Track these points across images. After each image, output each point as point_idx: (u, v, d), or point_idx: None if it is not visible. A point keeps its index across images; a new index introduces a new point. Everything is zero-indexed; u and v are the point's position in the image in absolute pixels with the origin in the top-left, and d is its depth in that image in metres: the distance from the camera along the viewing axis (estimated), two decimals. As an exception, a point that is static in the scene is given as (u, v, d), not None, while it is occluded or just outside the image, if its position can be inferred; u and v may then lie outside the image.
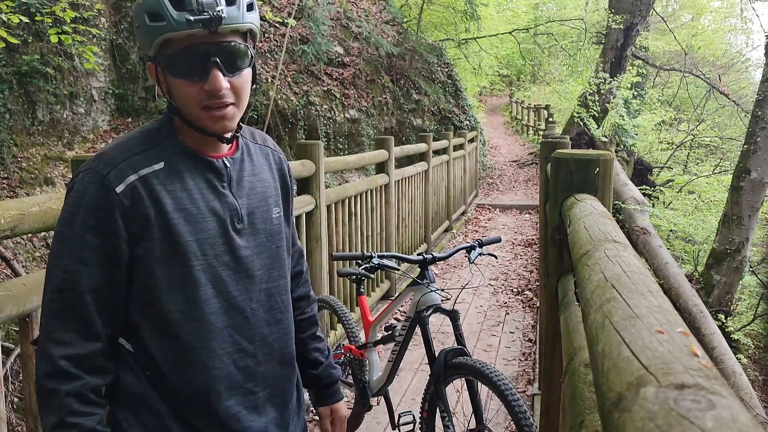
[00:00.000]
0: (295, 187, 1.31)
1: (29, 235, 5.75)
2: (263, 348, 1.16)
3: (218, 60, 1.02)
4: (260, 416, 1.16)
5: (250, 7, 1.05)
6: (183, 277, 1.06)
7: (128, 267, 1.06)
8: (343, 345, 2.86)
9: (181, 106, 1.05)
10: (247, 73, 1.08)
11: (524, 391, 3.49)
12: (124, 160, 1.04)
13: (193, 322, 1.08)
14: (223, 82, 1.03)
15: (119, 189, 1.02)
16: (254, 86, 1.12)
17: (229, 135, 1.11)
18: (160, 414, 1.09)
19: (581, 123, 12.63)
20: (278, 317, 1.20)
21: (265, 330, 1.17)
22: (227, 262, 1.10)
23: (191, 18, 0.98)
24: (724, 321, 7.41)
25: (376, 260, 2.37)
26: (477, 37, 15.01)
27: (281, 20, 9.55)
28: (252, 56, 1.09)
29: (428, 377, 2.25)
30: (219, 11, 0.99)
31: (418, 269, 2.41)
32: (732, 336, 7.31)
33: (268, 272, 1.17)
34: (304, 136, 9.98)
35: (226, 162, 1.12)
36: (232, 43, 1.04)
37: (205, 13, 0.98)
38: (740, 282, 8.48)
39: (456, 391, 2.76)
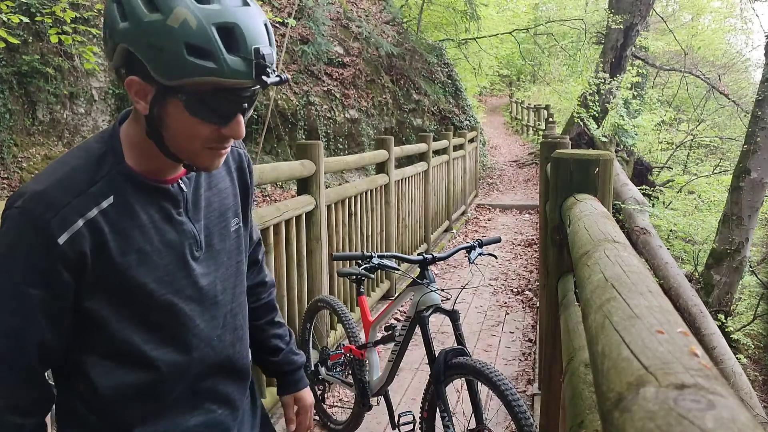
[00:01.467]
0: (254, 180, 1.20)
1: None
2: (227, 369, 1.12)
3: (246, 106, 0.92)
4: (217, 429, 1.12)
5: (271, 42, 0.93)
6: (142, 323, 0.98)
7: (76, 315, 0.95)
8: (343, 345, 2.86)
9: (178, 140, 0.91)
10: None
11: (524, 391, 3.49)
12: (69, 203, 0.89)
13: (156, 362, 1.00)
14: (243, 127, 0.93)
15: (62, 239, 0.88)
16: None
17: None
18: None
19: (581, 123, 12.63)
20: (241, 334, 1.14)
21: (229, 351, 1.11)
22: (190, 296, 1.01)
23: (244, 69, 0.84)
24: (724, 321, 7.41)
25: (376, 260, 2.37)
26: (477, 37, 15.02)
27: (281, 20, 9.56)
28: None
29: (428, 377, 2.25)
30: (272, 64, 0.87)
31: (418, 269, 2.41)
32: (732, 336, 7.31)
33: (232, 291, 1.10)
34: (304, 136, 9.98)
35: (182, 185, 1.00)
36: (257, 89, 0.92)
37: (261, 67, 0.85)
38: (740, 282, 8.48)
39: (456, 391, 2.76)
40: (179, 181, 1.00)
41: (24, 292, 0.90)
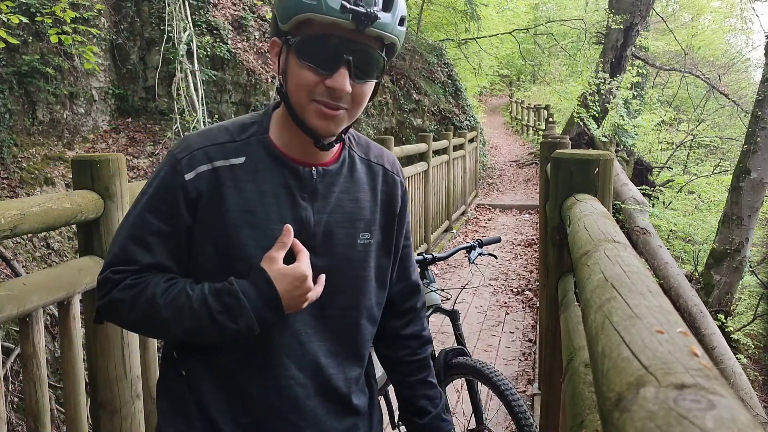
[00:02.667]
0: (407, 215, 1.18)
1: (29, 235, 5.75)
2: (316, 380, 1.06)
3: (351, 60, 0.94)
4: None
5: (401, 22, 0.97)
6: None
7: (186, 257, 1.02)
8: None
9: (292, 91, 0.98)
10: (372, 84, 1.00)
11: (524, 391, 3.49)
12: (201, 147, 1.00)
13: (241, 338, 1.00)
14: (348, 84, 0.95)
15: (189, 176, 0.98)
16: (369, 101, 1.03)
17: (326, 141, 1.01)
18: (191, 416, 1.05)
19: (581, 123, 12.63)
20: (339, 350, 1.08)
21: (321, 360, 1.06)
22: None
23: (346, 5, 0.89)
24: (724, 321, 7.41)
25: (376, 260, 2.37)
26: (477, 38, 15.02)
27: (281, 20, 9.55)
28: (384, 70, 1.00)
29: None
30: (374, 11, 0.91)
31: (418, 269, 2.41)
32: (732, 336, 7.31)
33: (336, 298, 1.06)
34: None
35: (314, 172, 1.03)
36: (371, 49, 0.96)
37: (360, 7, 0.90)
38: (740, 282, 8.48)
39: (456, 391, 2.76)
40: (313, 168, 1.03)
41: (144, 220, 0.99)
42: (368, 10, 0.90)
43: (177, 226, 0.99)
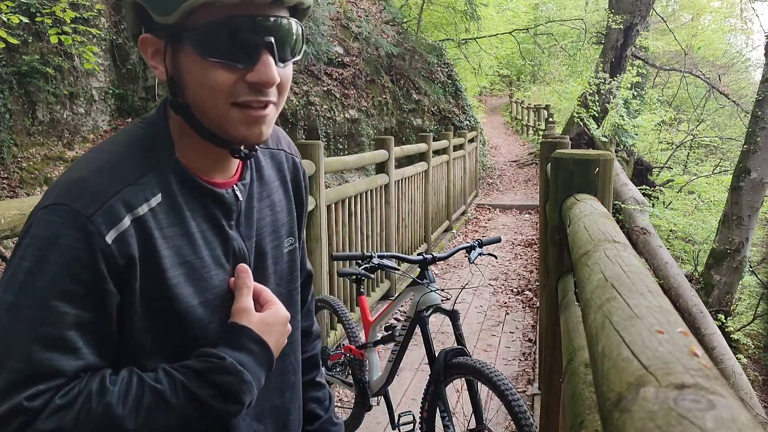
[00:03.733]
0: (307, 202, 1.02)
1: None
2: (275, 422, 0.92)
3: (273, 42, 0.73)
4: None
5: None
6: (188, 350, 0.78)
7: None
8: (343, 345, 2.86)
9: (201, 100, 0.74)
10: (291, 65, 0.79)
11: (524, 391, 3.49)
12: (116, 194, 0.72)
13: None
14: (275, 73, 0.74)
15: (110, 237, 0.70)
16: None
17: (249, 151, 0.81)
18: None
19: (581, 123, 12.63)
20: (292, 380, 0.95)
21: (276, 401, 0.92)
22: None
23: None
24: (724, 321, 7.41)
25: (376, 260, 2.37)
26: (477, 37, 15.02)
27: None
28: (304, 42, 0.79)
29: (428, 377, 2.25)
30: None
31: (418, 269, 2.41)
32: (732, 336, 7.31)
33: None
34: (304, 136, 9.98)
35: (237, 192, 0.83)
36: (288, 21, 0.75)
37: None
38: (740, 282, 8.48)
39: (456, 391, 2.76)
40: (234, 186, 0.83)
41: (54, 311, 0.69)
42: None
43: (104, 308, 0.72)
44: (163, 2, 0.70)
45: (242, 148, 0.80)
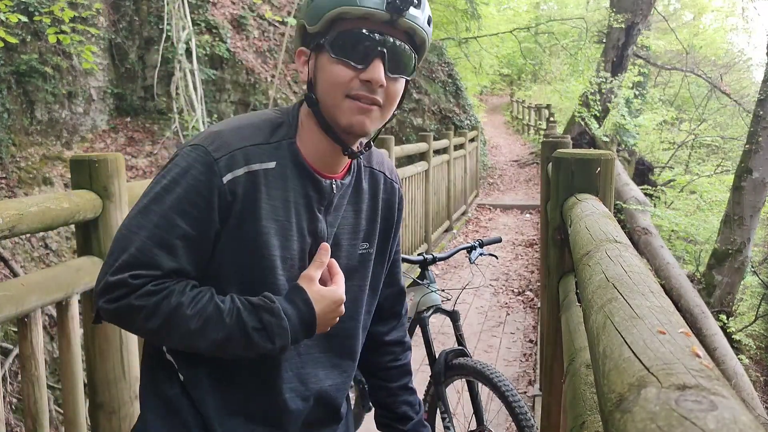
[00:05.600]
0: (401, 224, 1.19)
1: (27, 235, 5.75)
2: (315, 392, 1.05)
3: (386, 52, 0.94)
4: None
5: (429, 21, 0.98)
6: (257, 290, 0.96)
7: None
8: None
9: (324, 92, 0.95)
10: (403, 82, 0.99)
11: (525, 392, 3.48)
12: (241, 148, 0.93)
13: None
14: (383, 76, 0.94)
15: (226, 179, 0.92)
16: (397, 110, 1.02)
17: (355, 147, 1.01)
18: (188, 426, 1.01)
19: (582, 122, 12.63)
20: (337, 361, 1.08)
21: (320, 373, 1.06)
22: None
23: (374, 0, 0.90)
24: (726, 321, 7.41)
25: (376, 260, 2.36)
26: (477, 36, 15.02)
27: (281, 19, 9.56)
28: (415, 69, 1.00)
29: (428, 378, 2.25)
30: (406, 2, 0.92)
31: (419, 269, 2.40)
32: (734, 337, 7.30)
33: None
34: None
35: (333, 186, 1.01)
36: (403, 44, 0.96)
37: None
38: (742, 282, 8.48)
39: (456, 392, 2.75)
40: (333, 181, 1.01)
41: (171, 222, 0.91)
42: (399, 1, 0.91)
43: (206, 231, 0.93)
44: (313, 16, 0.94)
45: (351, 147, 1.00)
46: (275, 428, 1.03)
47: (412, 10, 0.93)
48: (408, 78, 0.99)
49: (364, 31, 0.93)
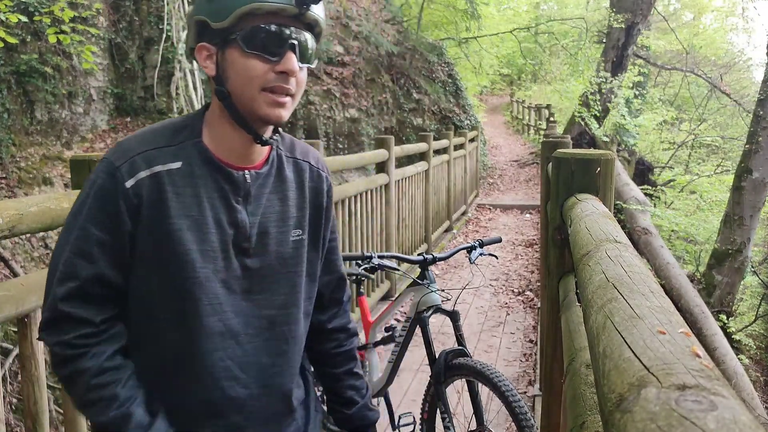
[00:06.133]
0: (332, 210, 1.23)
1: (27, 235, 5.75)
2: (260, 380, 1.08)
3: (296, 44, 0.99)
4: None
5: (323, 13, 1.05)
6: (178, 286, 1.01)
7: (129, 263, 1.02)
8: (343, 345, 2.86)
9: (238, 87, 0.99)
10: (306, 71, 1.04)
11: (525, 392, 3.48)
12: (140, 153, 0.99)
13: (183, 335, 1.03)
14: (297, 65, 0.99)
15: (129, 183, 0.98)
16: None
17: (268, 134, 1.05)
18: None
19: (582, 122, 12.62)
20: (282, 348, 1.11)
21: (263, 360, 1.08)
22: (225, 280, 1.04)
23: None
24: (726, 321, 7.40)
25: (376, 260, 2.36)
26: (477, 36, 15.01)
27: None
28: (315, 57, 1.06)
29: (428, 378, 2.25)
30: None
31: (419, 269, 2.40)
32: (734, 337, 7.30)
33: (274, 297, 1.09)
34: (303, 136, 9.98)
35: (247, 176, 1.05)
36: (308, 35, 1.02)
37: None
38: (742, 282, 8.47)
39: (456, 392, 2.75)
40: (246, 172, 1.05)
41: (87, 232, 0.98)
42: None
43: (120, 235, 0.99)
44: (221, 12, 0.96)
45: (263, 136, 1.03)
46: (217, 418, 1.07)
47: (315, 5, 0.98)
48: (311, 66, 1.05)
49: (275, 25, 0.97)
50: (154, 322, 1.03)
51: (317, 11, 1.00)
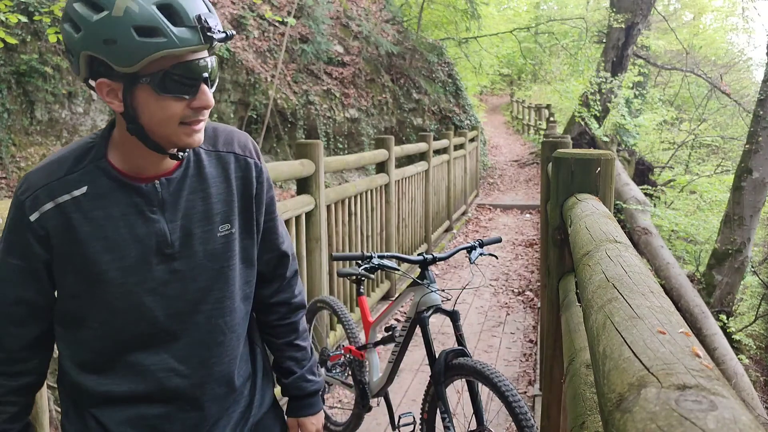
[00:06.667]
0: (269, 192, 1.23)
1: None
2: (200, 370, 1.14)
3: (207, 76, 1.00)
4: (185, 430, 1.16)
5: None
6: (101, 303, 1.06)
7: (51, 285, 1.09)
8: (343, 346, 2.86)
9: (155, 124, 0.99)
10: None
11: (525, 392, 3.48)
12: (43, 186, 1.02)
13: (112, 340, 1.09)
14: (211, 97, 1.01)
15: (33, 217, 1.02)
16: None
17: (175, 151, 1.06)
18: (85, 422, 1.14)
19: (582, 122, 12.63)
20: (220, 339, 1.15)
21: (203, 353, 1.14)
22: (153, 288, 1.07)
23: (191, 36, 0.93)
24: (726, 321, 7.40)
25: (376, 260, 2.36)
26: (477, 36, 15.01)
27: (281, 19, 9.55)
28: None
29: (428, 378, 2.24)
30: (216, 26, 0.95)
31: (419, 269, 2.40)
32: (733, 336, 7.30)
33: (208, 294, 1.12)
34: (303, 136, 9.98)
35: (157, 185, 1.06)
36: (212, 59, 1.01)
37: (206, 30, 0.94)
38: (742, 282, 8.47)
39: (456, 392, 2.75)
40: (156, 182, 1.06)
41: (6, 261, 1.06)
42: (212, 28, 0.94)
43: (34, 262, 1.05)
44: (127, 58, 0.92)
45: (177, 151, 1.04)
46: (164, 403, 1.13)
47: (216, 25, 0.96)
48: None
49: (187, 63, 0.96)
50: (85, 330, 1.09)
51: (221, 36, 0.97)
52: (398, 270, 2.43)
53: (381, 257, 2.38)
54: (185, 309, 1.11)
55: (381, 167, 4.91)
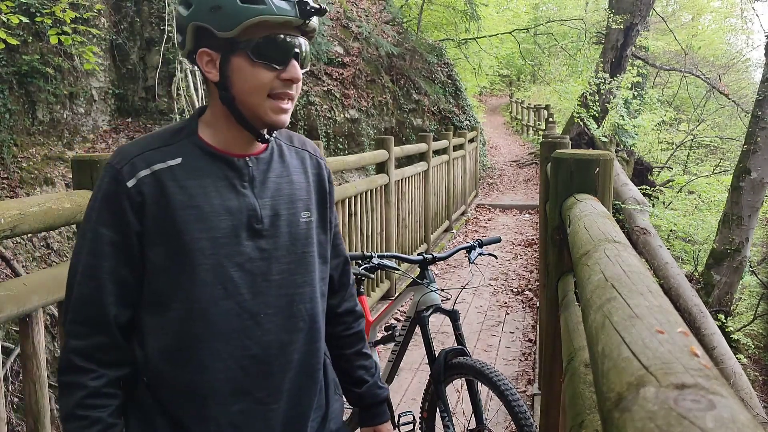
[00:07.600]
0: (334, 196, 1.27)
1: (29, 235, 5.75)
2: (280, 357, 1.11)
3: (299, 53, 1.06)
4: (267, 428, 1.11)
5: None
6: (189, 275, 1.04)
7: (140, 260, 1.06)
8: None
9: (244, 93, 1.04)
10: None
11: (524, 391, 3.49)
12: (139, 155, 1.05)
13: (198, 322, 1.05)
14: (300, 72, 1.06)
15: (130, 183, 1.03)
16: None
17: (268, 135, 1.11)
18: (154, 423, 1.09)
19: (581, 123, 12.63)
20: (300, 326, 1.14)
21: (283, 338, 1.11)
22: (240, 263, 1.06)
23: (289, 7, 1.00)
24: (724, 321, 7.41)
25: (376, 260, 2.36)
26: (477, 37, 15.01)
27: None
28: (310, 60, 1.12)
29: (428, 377, 2.25)
30: (314, 6, 1.03)
31: (418, 269, 2.41)
32: (732, 336, 7.31)
33: (291, 277, 1.12)
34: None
35: (249, 161, 1.10)
36: (306, 42, 1.08)
37: (303, 5, 1.01)
38: (740, 282, 8.48)
39: (456, 391, 2.76)
40: (247, 158, 1.10)
41: (98, 233, 1.04)
42: (310, 4, 1.02)
43: (128, 233, 1.04)
44: (227, 23, 1.00)
45: (264, 135, 1.10)
46: (243, 394, 1.09)
47: (318, 16, 1.05)
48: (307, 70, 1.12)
49: (282, 35, 1.03)
50: (171, 314, 1.06)
51: (316, 20, 1.06)
52: (398, 270, 2.44)
53: (381, 257, 2.39)
54: (270, 289, 1.10)
55: (381, 167, 4.92)
